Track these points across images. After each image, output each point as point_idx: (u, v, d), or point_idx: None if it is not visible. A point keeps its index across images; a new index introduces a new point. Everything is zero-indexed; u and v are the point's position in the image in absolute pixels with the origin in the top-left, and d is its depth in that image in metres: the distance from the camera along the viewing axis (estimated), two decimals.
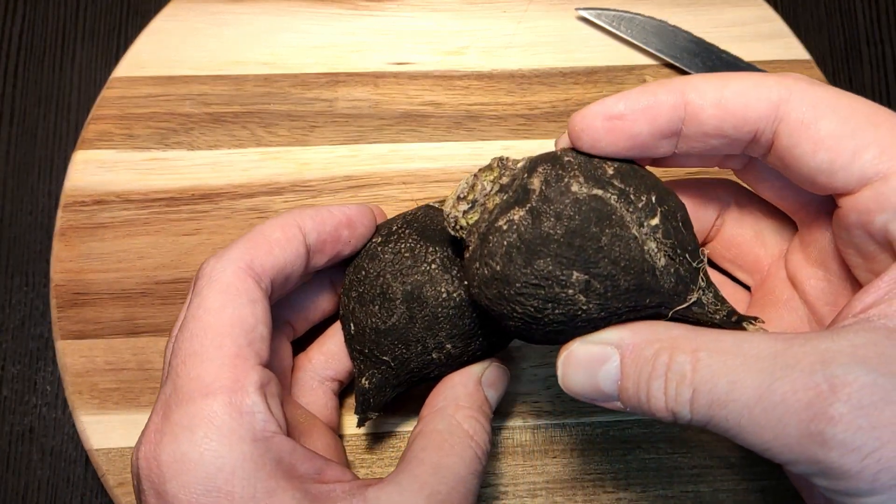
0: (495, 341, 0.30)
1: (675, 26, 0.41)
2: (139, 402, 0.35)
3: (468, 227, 0.26)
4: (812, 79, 0.24)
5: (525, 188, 0.24)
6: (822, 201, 0.26)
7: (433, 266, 0.29)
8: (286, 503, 0.23)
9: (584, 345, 0.24)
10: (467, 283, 0.26)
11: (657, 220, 0.23)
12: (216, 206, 0.38)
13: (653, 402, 0.22)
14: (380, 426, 0.35)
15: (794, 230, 0.29)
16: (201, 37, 0.41)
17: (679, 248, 0.24)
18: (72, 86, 0.46)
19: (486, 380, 0.30)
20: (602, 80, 0.41)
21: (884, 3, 0.49)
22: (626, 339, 0.23)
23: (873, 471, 0.19)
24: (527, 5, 0.42)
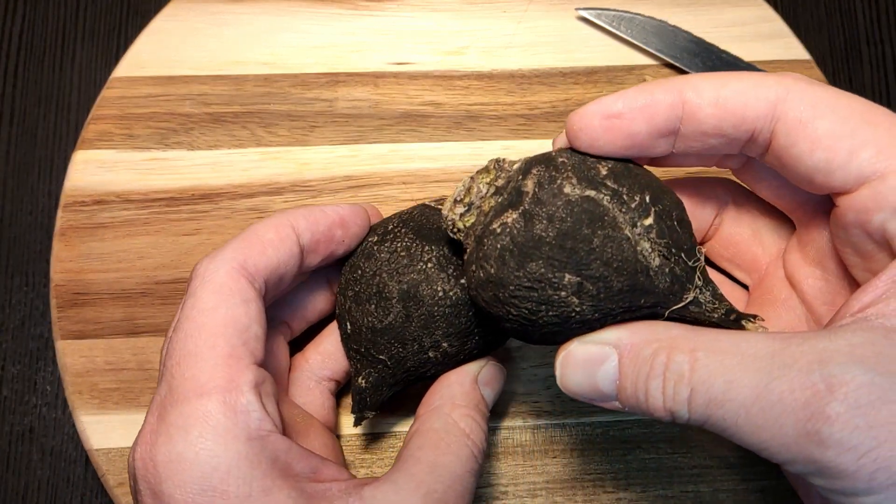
0: (492, 339, 0.30)
1: (675, 26, 0.41)
2: (139, 402, 0.35)
3: (465, 229, 0.26)
4: (810, 78, 0.24)
5: (519, 190, 0.24)
6: (820, 200, 0.26)
7: (429, 265, 0.29)
8: (282, 502, 0.23)
9: (583, 345, 0.24)
10: (466, 284, 0.26)
11: (651, 220, 0.23)
12: (216, 206, 0.38)
13: (651, 402, 0.22)
14: (379, 426, 0.35)
15: (793, 229, 0.29)
16: (201, 37, 0.41)
17: (674, 247, 0.24)
18: (72, 86, 0.46)
19: (483, 378, 0.30)
20: (602, 80, 0.41)
21: (884, 3, 0.49)
22: (624, 338, 0.23)
23: (870, 470, 0.19)
24: (527, 5, 0.42)
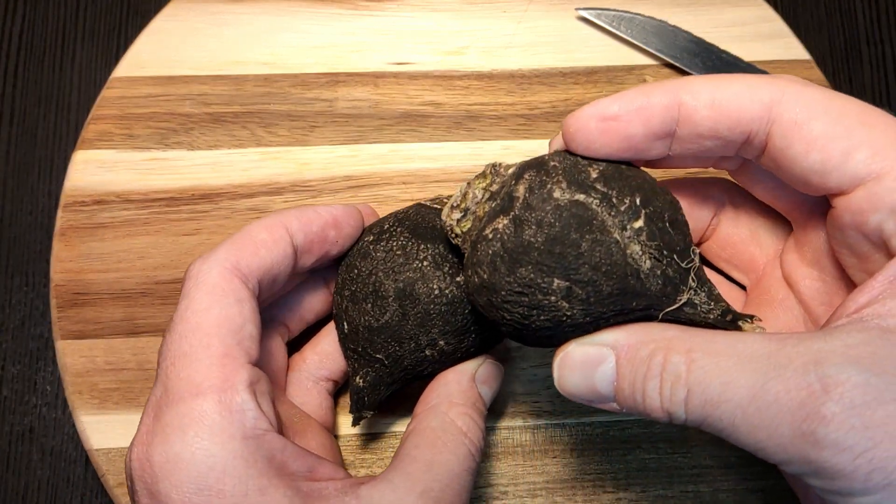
0: (489, 337, 0.30)
1: (675, 26, 0.41)
2: (139, 402, 0.35)
3: (463, 234, 0.26)
4: (805, 80, 0.24)
5: (511, 196, 0.24)
6: (817, 202, 0.26)
7: (425, 263, 0.29)
8: (278, 501, 0.23)
9: (580, 346, 0.24)
10: (464, 289, 0.26)
11: (641, 223, 0.23)
12: (216, 206, 0.38)
13: (648, 403, 0.22)
14: (377, 425, 0.35)
15: (790, 229, 0.29)
16: (201, 37, 0.41)
17: (666, 249, 0.24)
18: (72, 86, 0.46)
19: (480, 377, 0.30)
20: (602, 80, 0.41)
21: (884, 3, 0.49)
22: (621, 340, 0.23)
23: (866, 471, 0.19)
24: (527, 5, 0.42)
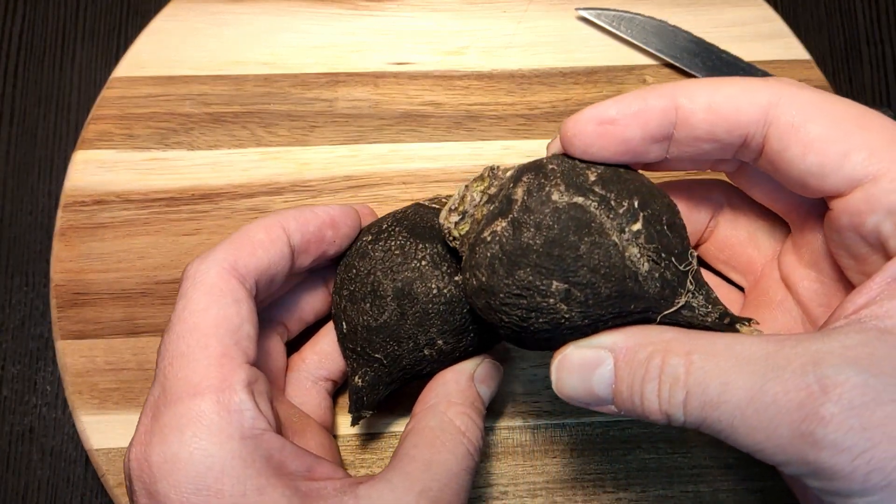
0: (487, 337, 0.30)
1: (675, 26, 0.41)
2: (139, 402, 0.35)
3: (461, 237, 0.26)
4: (801, 83, 0.24)
5: (509, 198, 0.24)
6: (814, 203, 0.26)
7: (423, 263, 0.29)
8: (276, 500, 0.23)
9: (578, 349, 0.24)
10: (463, 292, 0.26)
11: (639, 226, 0.23)
12: (216, 206, 0.38)
13: (647, 405, 0.22)
14: (377, 425, 0.35)
15: (788, 231, 0.29)
16: (201, 37, 0.41)
17: (664, 252, 0.24)
18: (72, 86, 0.46)
19: (479, 376, 0.30)
20: (602, 80, 0.41)
21: (884, 3, 0.49)
22: (619, 342, 0.23)
23: (864, 471, 0.19)
24: (527, 5, 0.42)
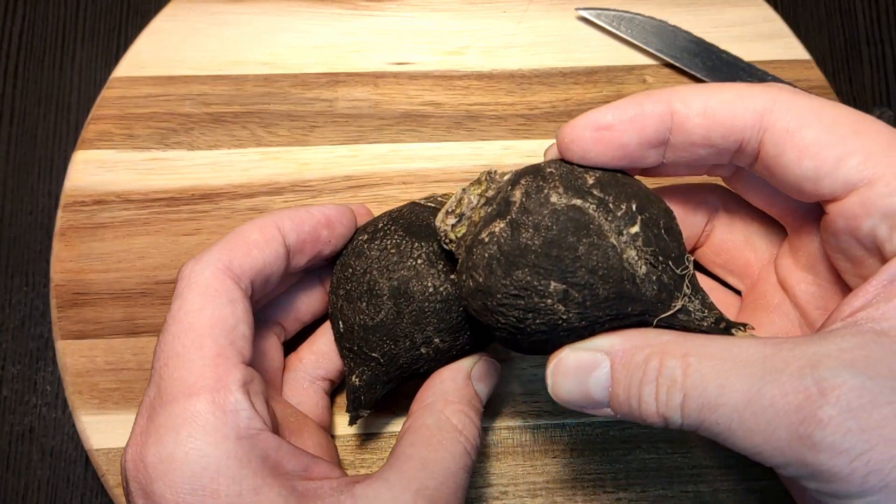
0: (483, 335, 0.30)
1: (675, 26, 0.41)
2: (139, 402, 0.35)
3: (457, 240, 0.26)
4: (796, 89, 0.24)
5: (507, 201, 0.24)
6: (810, 207, 0.26)
7: (419, 261, 0.29)
8: (272, 500, 0.23)
9: (574, 352, 0.24)
10: (458, 294, 0.26)
11: (637, 229, 0.24)
12: (216, 206, 0.38)
13: (644, 408, 0.22)
14: (376, 425, 0.35)
15: (784, 234, 0.29)
16: (201, 37, 0.41)
17: (661, 255, 0.24)
18: (72, 86, 0.46)
19: (476, 374, 0.30)
20: (602, 80, 0.41)
21: (884, 3, 0.49)
22: (616, 345, 0.23)
23: (862, 473, 0.19)
24: (527, 5, 0.42)
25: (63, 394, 0.37)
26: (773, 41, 0.41)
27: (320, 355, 0.33)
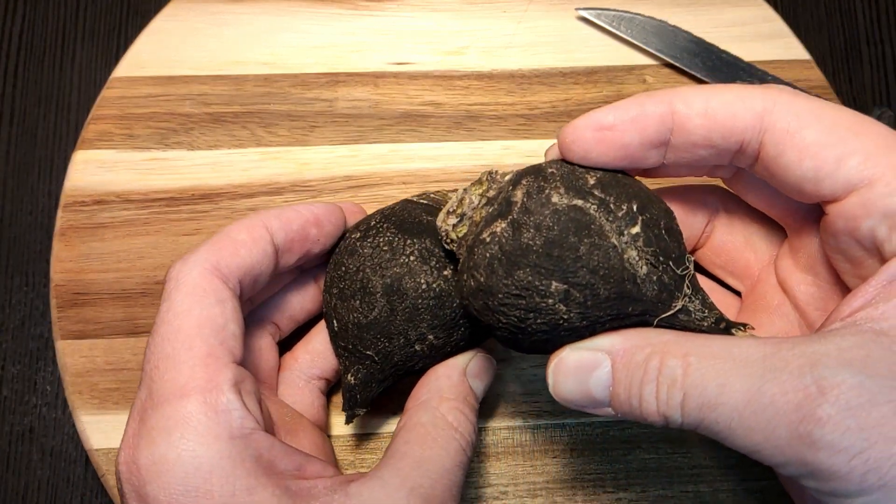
0: (479, 331, 0.30)
1: (675, 26, 0.41)
2: None
3: (458, 240, 0.26)
4: (796, 90, 0.24)
5: (508, 201, 0.24)
6: (810, 208, 0.26)
7: (412, 258, 0.29)
8: (266, 500, 0.23)
9: (575, 351, 0.24)
10: (459, 295, 0.26)
11: (638, 229, 0.24)
12: (216, 206, 0.38)
13: (644, 407, 0.22)
14: (374, 424, 0.35)
15: (784, 235, 0.29)
16: (201, 37, 0.41)
17: (662, 255, 0.24)
18: (72, 86, 0.46)
19: (472, 370, 0.30)
20: (602, 80, 0.41)
21: (884, 3, 0.49)
22: (616, 344, 0.23)
23: (861, 472, 0.19)
24: (527, 5, 0.42)
25: (63, 394, 0.37)
26: (773, 41, 0.41)
27: (315, 354, 0.33)
